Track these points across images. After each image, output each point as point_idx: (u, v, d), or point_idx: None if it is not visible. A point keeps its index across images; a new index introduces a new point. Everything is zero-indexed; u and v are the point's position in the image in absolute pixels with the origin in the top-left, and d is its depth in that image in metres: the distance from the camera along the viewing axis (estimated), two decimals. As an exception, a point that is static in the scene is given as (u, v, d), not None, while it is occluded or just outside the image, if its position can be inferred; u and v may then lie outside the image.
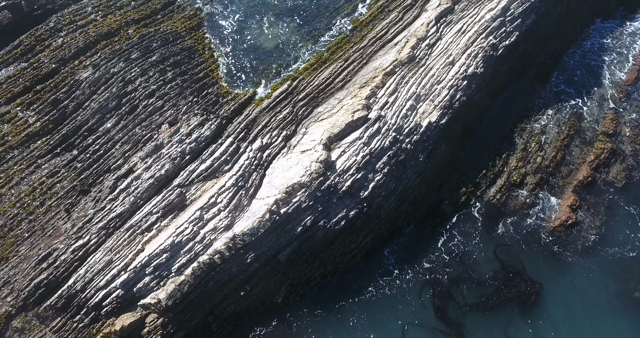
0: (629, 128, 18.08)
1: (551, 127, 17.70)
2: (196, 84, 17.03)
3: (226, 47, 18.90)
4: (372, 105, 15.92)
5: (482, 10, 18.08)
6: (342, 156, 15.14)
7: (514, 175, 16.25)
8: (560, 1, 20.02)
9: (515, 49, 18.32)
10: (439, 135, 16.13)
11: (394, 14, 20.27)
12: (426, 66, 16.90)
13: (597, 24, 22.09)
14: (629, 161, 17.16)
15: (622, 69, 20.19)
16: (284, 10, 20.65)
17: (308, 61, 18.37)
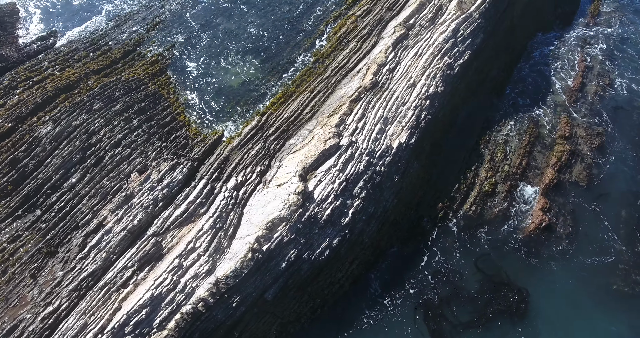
0: (582, 129, 19.78)
1: (513, 136, 19.09)
2: (164, 129, 17.23)
3: (192, 89, 19.39)
4: (343, 132, 16.67)
5: (435, 34, 19.76)
6: (319, 185, 15.56)
7: (486, 185, 17.17)
8: (503, 20, 22.24)
9: (469, 67, 19.96)
10: (410, 154, 16.98)
11: (353, 44, 21.72)
12: (390, 90, 18.05)
13: (538, 37, 24.57)
14: (587, 160, 18.66)
15: (568, 76, 22.35)
16: (247, 49, 21.60)
17: (275, 96, 19.12)
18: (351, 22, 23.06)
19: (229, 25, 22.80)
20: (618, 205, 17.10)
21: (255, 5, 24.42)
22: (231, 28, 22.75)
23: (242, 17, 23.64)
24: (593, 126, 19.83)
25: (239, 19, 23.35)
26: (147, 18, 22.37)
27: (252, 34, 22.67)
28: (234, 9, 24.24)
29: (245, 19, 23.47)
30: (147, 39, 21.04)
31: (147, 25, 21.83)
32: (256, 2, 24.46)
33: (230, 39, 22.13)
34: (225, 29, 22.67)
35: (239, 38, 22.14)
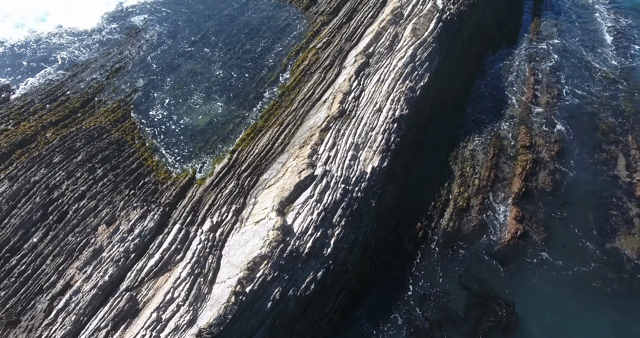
0: (541, 137, 21.52)
1: (478, 150, 20.44)
2: (131, 176, 17.07)
3: (158, 132, 19.49)
4: (316, 162, 17.25)
5: (394, 60, 21.33)
6: (298, 218, 15.79)
7: (460, 201, 18.05)
8: (455, 42, 24.38)
9: (430, 88, 21.52)
10: (385, 178, 17.72)
11: (317, 75, 22.93)
12: (357, 117, 19.07)
13: (489, 56, 27.02)
14: (550, 166, 20.20)
15: (521, 89, 24.51)
16: (212, 88, 22.15)
17: (244, 132, 19.64)
18: (312, 55, 24.49)
19: (191, 66, 23.49)
20: (584, 206, 18.45)
21: (216, 45, 25.42)
22: (194, 68, 23.44)
23: (205, 57, 24.48)
24: (550, 134, 21.65)
25: (201, 59, 24.15)
26: (105, 65, 22.65)
27: (215, 73, 23.43)
28: (195, 50, 25.09)
29: (207, 58, 24.30)
30: (107, 86, 21.17)
31: (106, 73, 21.99)
32: (217, 43, 25.50)
33: (194, 80, 22.74)
34: (189, 70, 23.32)
35: (203, 78, 22.80)
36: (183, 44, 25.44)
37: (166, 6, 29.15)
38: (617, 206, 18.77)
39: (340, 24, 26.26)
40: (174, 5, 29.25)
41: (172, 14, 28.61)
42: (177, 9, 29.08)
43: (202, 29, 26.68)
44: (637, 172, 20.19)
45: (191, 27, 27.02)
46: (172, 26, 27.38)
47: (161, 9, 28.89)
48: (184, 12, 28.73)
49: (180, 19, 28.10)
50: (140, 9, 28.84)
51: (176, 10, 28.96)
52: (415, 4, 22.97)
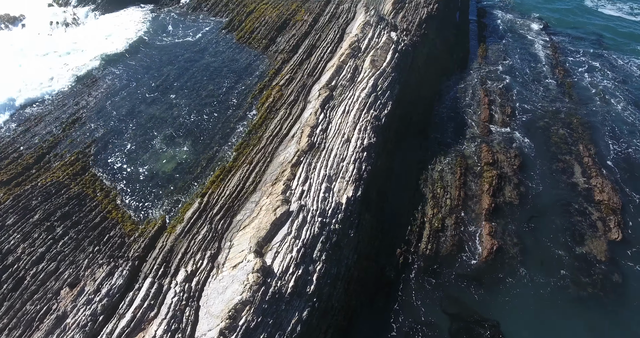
0: (502, 154, 23.27)
1: (446, 171, 21.73)
2: (94, 232, 16.51)
3: (121, 182, 19.18)
4: (290, 198, 17.59)
5: (357, 91, 22.72)
6: (277, 257, 15.77)
7: (435, 222, 18.82)
8: (412, 71, 26.37)
9: (394, 115, 22.93)
10: (360, 207, 18.28)
11: (282, 111, 23.88)
12: (327, 149, 19.86)
13: (444, 82, 29.44)
14: (514, 180, 21.74)
15: (477, 110, 26.76)
16: (176, 132, 22.37)
17: (213, 174, 19.83)
18: (276, 92, 25.59)
19: (153, 112, 23.72)
20: (550, 215, 19.82)
21: (178, 89, 25.98)
22: (156, 114, 23.68)
23: (166, 101, 24.85)
24: (509, 149, 23.47)
25: (163, 104, 24.49)
26: (61, 117, 22.37)
27: (179, 116, 23.77)
28: (156, 96, 25.47)
29: (169, 103, 24.69)
30: (63, 139, 20.78)
31: (62, 125, 21.67)
32: (179, 86, 26.06)
33: (157, 125, 22.91)
34: (150, 116, 23.51)
35: (166, 122, 23.04)
36: (143, 90, 25.79)
37: (123, 55, 29.73)
38: (580, 212, 20.34)
39: (300, 61, 27.88)
40: (131, 54, 29.88)
41: (130, 62, 29.14)
42: (134, 56, 29.69)
43: (162, 74, 27.28)
44: (592, 178, 22.17)
45: (150, 73, 27.56)
46: (130, 73, 27.79)
47: (118, 57, 29.40)
48: (142, 60, 29.34)
49: (139, 65, 28.63)
50: (96, 57, 29.20)
51: (134, 57, 29.55)
52: (371, 38, 25.02)
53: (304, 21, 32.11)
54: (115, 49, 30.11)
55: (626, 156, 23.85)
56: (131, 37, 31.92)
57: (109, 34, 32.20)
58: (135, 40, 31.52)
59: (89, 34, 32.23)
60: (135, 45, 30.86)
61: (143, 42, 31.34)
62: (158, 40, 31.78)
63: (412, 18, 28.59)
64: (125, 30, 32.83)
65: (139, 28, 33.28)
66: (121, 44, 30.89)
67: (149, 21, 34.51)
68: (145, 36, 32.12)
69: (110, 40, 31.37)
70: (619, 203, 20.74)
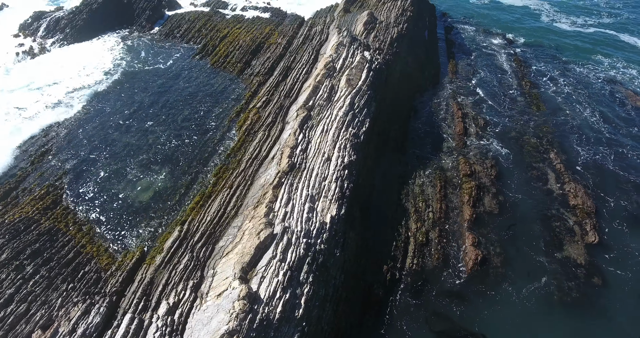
0: (478, 165, 24.16)
1: (427, 185, 22.34)
2: (67, 268, 15.87)
3: (96, 214, 18.65)
4: (274, 220, 17.58)
5: (334, 110, 23.31)
6: (263, 282, 15.58)
7: (419, 236, 19.16)
8: (387, 88, 27.17)
9: (372, 132, 23.56)
10: (344, 225, 18.42)
11: (261, 133, 24.11)
12: (308, 168, 20.11)
13: (418, 98, 30.66)
14: (492, 190, 22.53)
15: (452, 124, 27.87)
16: (153, 159, 22.16)
17: (193, 200, 19.65)
18: (254, 114, 25.94)
19: (127, 140, 23.47)
20: (529, 223, 20.55)
21: (153, 115, 25.91)
22: (131, 141, 23.44)
23: (141, 129, 24.68)
24: (485, 160, 24.42)
25: (137, 131, 24.29)
26: (29, 150, 21.78)
27: (155, 143, 23.60)
28: (131, 122, 25.28)
29: (144, 130, 24.53)
30: (32, 172, 20.24)
31: (30, 158, 21.13)
32: (154, 113, 25.98)
33: (133, 152, 22.63)
34: (125, 144, 23.24)
35: (141, 150, 22.79)
36: (116, 117, 25.58)
37: (96, 83, 29.52)
38: (557, 218, 21.20)
39: (277, 82, 28.50)
40: (103, 82, 29.72)
41: (102, 89, 28.94)
42: (107, 84, 29.55)
43: (136, 101, 27.22)
44: (565, 183, 23.29)
45: (124, 100, 27.44)
46: (103, 101, 27.57)
47: (90, 86, 29.16)
48: (115, 87, 29.22)
49: (112, 93, 28.50)
50: (68, 87, 28.87)
51: (107, 85, 29.39)
52: (345, 58, 25.98)
53: (278, 44, 33.06)
54: (88, 79, 29.94)
55: (594, 161, 25.24)
56: (104, 65, 31.88)
57: (81, 63, 32.03)
58: (108, 68, 31.48)
59: (59, 64, 31.96)
60: (109, 73, 30.79)
61: (116, 70, 31.33)
62: (131, 68, 31.86)
63: (383, 37, 29.97)
64: (97, 59, 32.78)
65: (111, 56, 33.32)
66: (94, 73, 30.76)
67: (121, 49, 34.64)
68: (118, 64, 32.16)
69: (81, 69, 31.19)
70: (593, 206, 21.79)
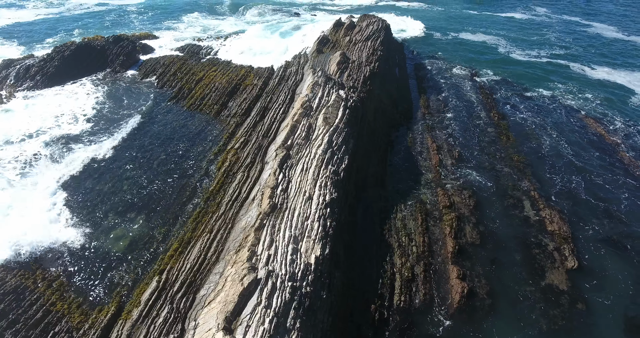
0: (456, 195, 25.19)
1: (408, 218, 23.02)
2: (36, 329, 15.03)
3: (67, 267, 18.08)
4: (257, 264, 17.54)
5: (313, 148, 24.12)
6: (249, 332, 15.20)
7: (404, 272, 19.44)
8: (363, 125, 28.67)
9: (351, 169, 24.37)
10: (330, 265, 18.54)
11: (240, 175, 24.48)
12: (290, 209, 20.43)
13: (394, 132, 32.22)
14: (472, 220, 23.41)
15: (428, 157, 29.20)
16: (128, 206, 21.89)
17: (171, 248, 19.39)
18: (232, 155, 26.44)
19: (101, 187, 23.28)
20: (511, 251, 21.30)
21: (128, 160, 26.02)
22: (104, 189, 23.23)
23: (115, 174, 24.61)
24: (463, 191, 25.51)
25: (111, 178, 24.19)
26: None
27: (131, 189, 23.48)
28: (103, 168, 25.22)
29: (118, 176, 24.44)
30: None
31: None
32: (129, 157, 26.17)
33: (106, 200, 22.36)
34: (97, 191, 23.04)
35: (115, 196, 22.58)
36: (90, 164, 25.47)
37: (68, 131, 29.54)
38: (536, 244, 22.10)
39: (254, 123, 29.40)
40: (76, 129, 29.78)
41: (75, 135, 28.93)
42: (80, 130, 29.60)
43: (110, 147, 27.31)
44: (541, 210, 24.52)
45: (96, 147, 27.47)
46: (73, 148, 27.49)
47: (64, 134, 29.13)
48: (88, 133, 29.32)
49: (84, 138, 28.52)
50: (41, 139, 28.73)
51: (80, 131, 29.44)
52: (322, 97, 27.34)
53: (254, 85, 34.45)
54: (60, 127, 29.95)
55: (565, 187, 26.82)
56: (76, 111, 32.11)
57: (52, 111, 32.09)
58: (80, 114, 31.69)
59: (31, 113, 31.89)
60: (82, 119, 30.97)
61: (89, 116, 31.56)
62: (105, 113, 32.19)
63: (356, 76, 31.87)
64: (68, 106, 33.00)
65: (84, 102, 33.66)
66: (65, 120, 30.86)
67: (94, 94, 35.11)
68: (93, 109, 32.48)
69: (52, 117, 31.24)
70: (569, 231, 22.92)
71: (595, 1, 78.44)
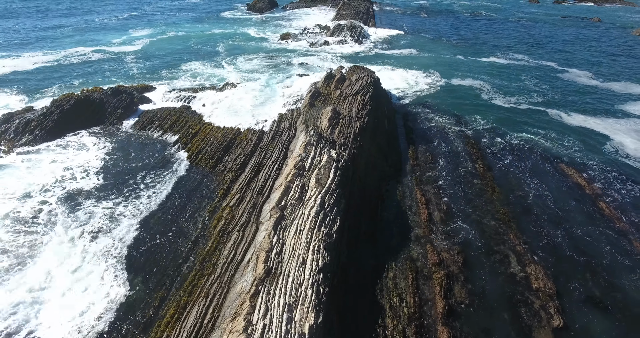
0: (445, 252, 26.56)
1: (399, 277, 24.14)
2: None
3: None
4: (253, 334, 18.29)
5: (306, 209, 25.53)
6: None
7: (396, 335, 20.24)
8: (354, 182, 30.30)
9: (343, 229, 25.60)
10: (323, 334, 19.38)
11: (235, 234, 25.68)
12: (284, 273, 21.46)
13: (384, 187, 33.88)
14: (460, 278, 24.60)
15: (417, 211, 30.84)
16: (121, 270, 22.94)
17: (168, 314, 20.10)
18: (227, 213, 27.72)
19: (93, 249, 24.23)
20: (499, 310, 22.30)
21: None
22: (97, 250, 24.17)
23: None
24: (452, 247, 26.90)
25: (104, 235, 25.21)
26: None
27: (128, 247, 24.45)
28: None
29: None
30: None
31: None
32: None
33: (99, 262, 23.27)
34: (92, 254, 23.91)
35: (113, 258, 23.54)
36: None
37: (68, 186, 30.70)
38: (523, 302, 23.20)
39: (249, 179, 30.96)
40: (76, 183, 30.95)
41: (77, 189, 30.05)
42: (75, 187, 30.77)
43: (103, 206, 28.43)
44: (527, 266, 25.84)
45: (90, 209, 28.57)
46: (70, 207, 28.54)
47: (65, 188, 30.29)
48: (77, 197, 30.51)
49: (79, 199, 29.63)
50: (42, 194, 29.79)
51: (74, 189, 30.60)
52: (314, 157, 29.18)
53: (249, 140, 36.41)
54: (60, 182, 31.16)
55: (549, 240, 28.34)
56: (80, 165, 33.42)
57: (53, 166, 33.41)
58: (85, 168, 32.97)
59: (35, 168, 33.17)
60: (80, 175, 32.22)
61: (94, 169, 32.84)
62: (103, 167, 33.50)
63: (347, 133, 34.04)
64: (70, 159, 34.38)
65: (86, 157, 35.04)
66: (64, 175, 32.09)
67: (94, 147, 36.65)
68: (96, 164, 33.81)
69: (51, 172, 32.50)
70: (554, 288, 24.14)
71: (570, 49, 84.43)
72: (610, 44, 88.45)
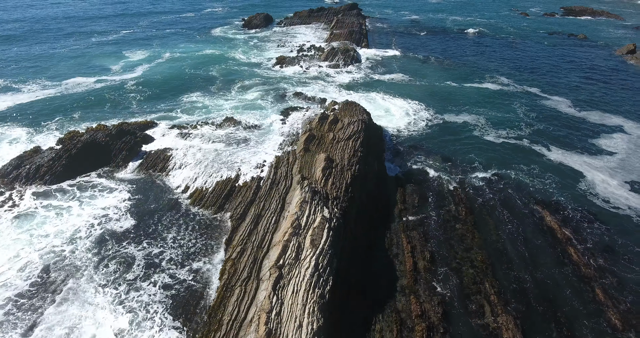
0: (427, 303, 29.83)
1: (385, 330, 27.31)
2: None
3: None
4: (256, 395, 21.40)
5: (302, 269, 28.50)
6: None
7: (383, 392, 23.68)
8: (346, 236, 33.41)
9: (335, 288, 28.34)
10: (317, 389, 22.55)
11: (238, 290, 28.67)
12: (283, 335, 24.56)
13: (372, 235, 37.13)
14: (440, 329, 27.87)
15: (403, 260, 34.10)
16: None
17: (183, 376, 23.17)
18: (230, 266, 30.71)
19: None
20: (472, 365, 25.84)
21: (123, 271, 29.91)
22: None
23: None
24: (433, 297, 30.17)
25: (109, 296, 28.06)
26: None
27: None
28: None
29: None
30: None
31: None
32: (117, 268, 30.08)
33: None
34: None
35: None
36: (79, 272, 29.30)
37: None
38: (495, 354, 26.63)
39: (249, 231, 33.92)
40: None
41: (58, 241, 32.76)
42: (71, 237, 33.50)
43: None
44: (499, 316, 29.19)
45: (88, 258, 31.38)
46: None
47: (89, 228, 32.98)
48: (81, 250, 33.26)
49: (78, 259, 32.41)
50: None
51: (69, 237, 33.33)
52: (308, 215, 32.24)
53: (248, 187, 39.35)
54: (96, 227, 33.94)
55: (520, 287, 31.76)
56: (103, 209, 36.16)
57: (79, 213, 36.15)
58: (110, 211, 35.71)
59: (53, 215, 35.87)
60: (119, 217, 34.97)
61: (118, 212, 35.57)
62: (131, 208, 36.18)
63: (339, 183, 37.14)
64: (90, 204, 37.09)
65: (105, 201, 37.74)
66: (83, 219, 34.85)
67: (106, 190, 39.29)
68: (118, 207, 36.51)
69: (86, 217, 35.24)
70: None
71: (554, 71, 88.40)
72: (592, 66, 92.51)
